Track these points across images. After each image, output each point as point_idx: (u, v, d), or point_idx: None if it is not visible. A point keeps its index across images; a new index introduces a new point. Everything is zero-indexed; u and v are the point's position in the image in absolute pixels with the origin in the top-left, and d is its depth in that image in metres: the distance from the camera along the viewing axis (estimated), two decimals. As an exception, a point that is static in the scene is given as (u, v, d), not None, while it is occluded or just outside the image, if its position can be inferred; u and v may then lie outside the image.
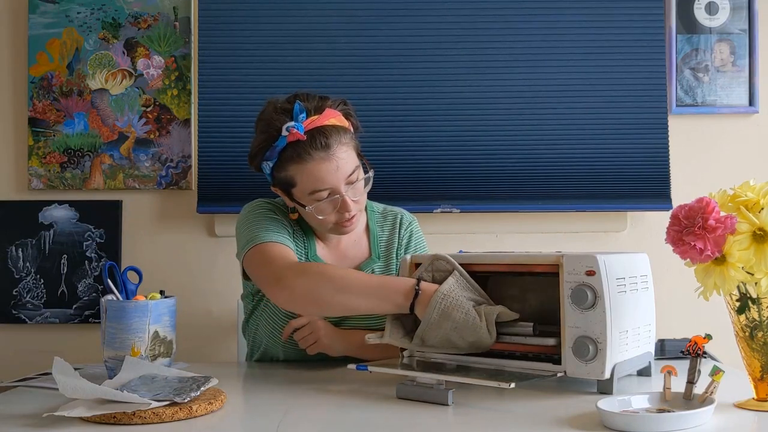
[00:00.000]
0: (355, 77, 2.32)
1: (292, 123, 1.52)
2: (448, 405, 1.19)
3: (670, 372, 1.14)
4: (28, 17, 2.33)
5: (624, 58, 2.33)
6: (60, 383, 1.15)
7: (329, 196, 1.55)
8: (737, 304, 1.14)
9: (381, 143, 2.29)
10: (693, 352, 1.15)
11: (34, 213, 2.32)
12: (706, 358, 1.16)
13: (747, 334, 1.14)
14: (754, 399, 1.15)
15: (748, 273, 1.09)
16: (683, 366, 1.14)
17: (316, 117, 1.53)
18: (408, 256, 1.47)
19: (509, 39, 2.33)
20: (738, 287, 1.12)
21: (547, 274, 1.28)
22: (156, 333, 1.38)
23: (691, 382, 1.12)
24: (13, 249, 2.31)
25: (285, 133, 1.52)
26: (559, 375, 1.25)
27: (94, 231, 2.32)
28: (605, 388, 1.22)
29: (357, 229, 1.72)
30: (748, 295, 1.12)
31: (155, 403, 1.11)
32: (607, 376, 1.21)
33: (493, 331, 1.30)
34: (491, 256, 1.39)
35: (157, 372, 1.29)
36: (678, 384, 1.12)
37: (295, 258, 1.57)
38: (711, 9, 2.37)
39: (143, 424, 1.10)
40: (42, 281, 2.30)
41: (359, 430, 1.10)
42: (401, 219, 1.78)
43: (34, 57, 2.33)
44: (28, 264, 2.31)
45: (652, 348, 1.36)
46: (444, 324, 1.32)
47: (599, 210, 2.33)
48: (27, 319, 2.30)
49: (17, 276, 2.31)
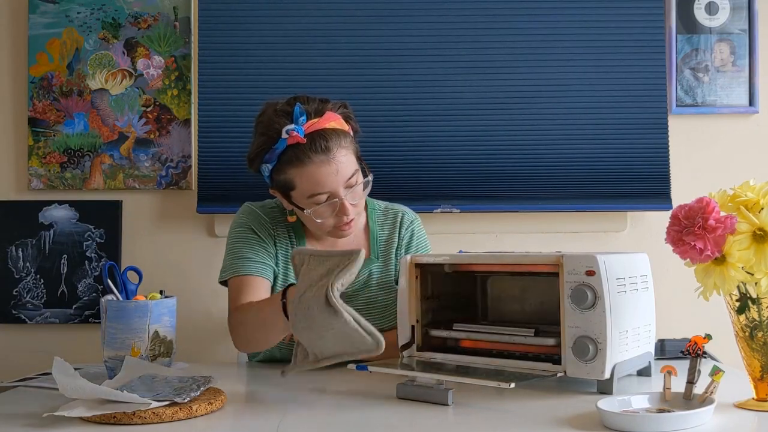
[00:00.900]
0: (355, 77, 2.32)
1: (292, 126, 1.51)
2: (448, 405, 1.19)
3: (670, 372, 1.14)
4: (28, 17, 2.33)
5: (624, 58, 2.33)
6: (60, 383, 1.15)
7: (328, 199, 1.55)
8: (737, 304, 1.14)
9: (381, 143, 2.29)
10: (693, 352, 1.15)
11: (34, 213, 2.31)
12: (706, 358, 1.16)
13: (747, 334, 1.14)
14: (754, 399, 1.15)
15: (748, 273, 1.09)
16: (683, 366, 1.14)
17: (316, 120, 1.53)
18: (408, 256, 1.47)
19: (509, 39, 2.33)
20: (738, 287, 1.12)
21: (547, 274, 1.28)
22: (156, 333, 1.38)
23: (691, 382, 1.12)
24: (13, 249, 2.31)
25: (285, 136, 1.51)
26: (559, 375, 1.25)
27: (94, 231, 2.32)
28: (605, 388, 1.22)
29: (356, 229, 1.72)
30: (748, 295, 1.12)
31: (155, 403, 1.11)
32: (607, 376, 1.21)
33: (366, 328, 1.16)
34: (491, 256, 1.39)
35: (157, 372, 1.29)
36: (678, 384, 1.12)
37: (264, 286, 1.60)
38: (711, 9, 2.37)
39: (143, 424, 1.10)
40: (42, 281, 2.30)
41: (359, 430, 1.10)
42: (402, 218, 1.77)
43: (34, 57, 2.33)
44: (28, 264, 2.31)
45: (652, 348, 1.36)
46: (308, 330, 1.19)
47: (599, 210, 2.33)
48: (27, 319, 2.30)
49: (17, 276, 2.30)
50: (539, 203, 2.30)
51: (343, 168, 1.54)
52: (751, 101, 2.38)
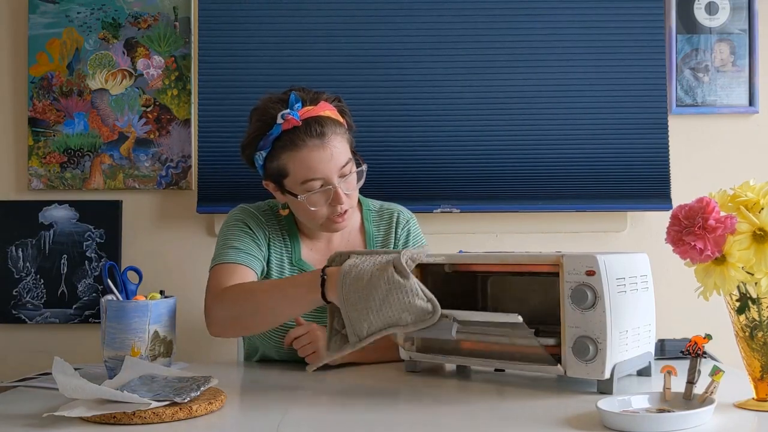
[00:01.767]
0: (355, 77, 2.32)
1: (287, 111, 1.52)
2: (452, 338, 1.21)
3: (670, 372, 1.14)
4: (28, 17, 2.33)
5: (624, 58, 2.33)
6: (60, 383, 1.15)
7: (322, 186, 1.54)
8: (737, 304, 1.14)
9: (381, 143, 2.29)
10: (693, 352, 1.15)
11: (34, 213, 2.32)
12: (706, 358, 1.16)
13: (747, 334, 1.14)
14: (754, 399, 1.15)
15: (748, 273, 1.09)
16: (683, 366, 1.14)
17: (311, 107, 1.54)
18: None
19: (509, 39, 2.33)
20: (738, 287, 1.12)
21: (547, 274, 1.28)
22: (156, 333, 1.38)
23: (691, 382, 1.12)
24: (13, 249, 2.31)
25: (280, 121, 1.52)
26: (559, 375, 1.25)
27: (94, 231, 2.32)
28: (605, 388, 1.22)
29: (350, 228, 1.71)
30: (748, 295, 1.12)
31: (155, 403, 1.11)
32: (607, 376, 1.21)
33: (427, 294, 1.21)
34: (491, 256, 1.39)
35: (157, 372, 1.29)
36: (678, 384, 1.12)
37: (250, 277, 1.55)
38: (711, 9, 2.37)
39: (143, 424, 1.10)
40: (42, 281, 2.30)
41: (359, 430, 1.10)
42: (398, 217, 1.76)
43: (34, 57, 2.33)
44: (28, 264, 2.31)
45: (652, 348, 1.36)
46: (363, 300, 1.22)
47: (599, 210, 2.33)
48: (27, 319, 2.30)
49: (17, 276, 2.31)
50: (539, 203, 2.30)
51: (338, 154, 1.54)
52: (751, 101, 2.38)
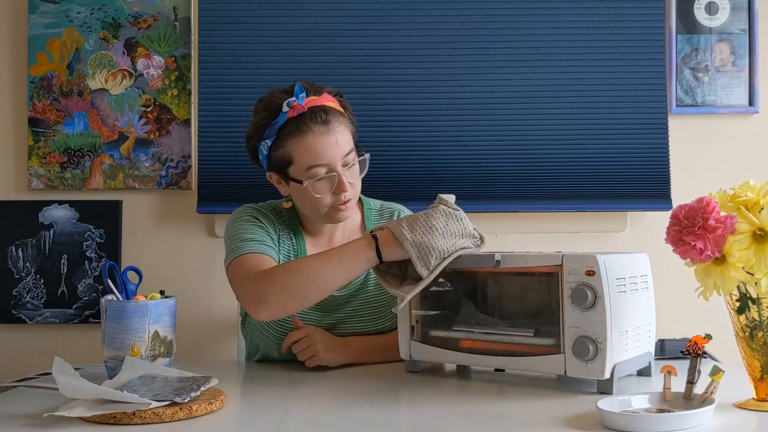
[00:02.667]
0: (355, 77, 2.31)
1: (293, 98, 1.55)
2: (495, 267, 1.36)
3: (670, 372, 1.14)
4: (28, 17, 2.33)
5: (624, 58, 2.33)
6: (60, 383, 1.15)
7: (326, 174, 1.56)
8: (737, 304, 1.14)
9: (381, 143, 2.29)
10: (693, 352, 1.15)
11: (34, 213, 2.32)
12: (706, 358, 1.16)
13: (747, 334, 1.14)
14: (754, 399, 1.15)
15: (748, 273, 1.09)
16: (683, 366, 1.14)
17: (315, 97, 1.57)
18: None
19: (509, 39, 2.33)
20: (738, 287, 1.12)
21: (547, 274, 1.28)
22: (156, 333, 1.38)
23: (691, 382, 1.12)
24: (13, 249, 2.31)
25: (286, 109, 1.54)
26: (559, 375, 1.25)
27: (94, 231, 2.32)
28: (605, 388, 1.22)
29: (351, 226, 1.73)
30: (748, 295, 1.12)
31: (155, 403, 1.11)
32: (607, 376, 1.21)
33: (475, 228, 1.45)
34: (491, 256, 1.39)
35: (157, 372, 1.29)
36: (678, 384, 1.12)
37: (273, 265, 1.54)
38: (711, 9, 2.37)
39: (143, 424, 1.10)
40: (42, 281, 2.30)
41: (359, 429, 1.10)
42: (398, 216, 1.77)
43: (34, 57, 2.33)
44: (28, 264, 2.31)
45: (652, 348, 1.36)
46: (427, 232, 1.41)
47: (599, 210, 2.33)
48: (27, 319, 2.30)
49: (17, 276, 2.31)
50: (539, 203, 2.30)
51: (342, 142, 1.56)
52: (751, 101, 2.38)
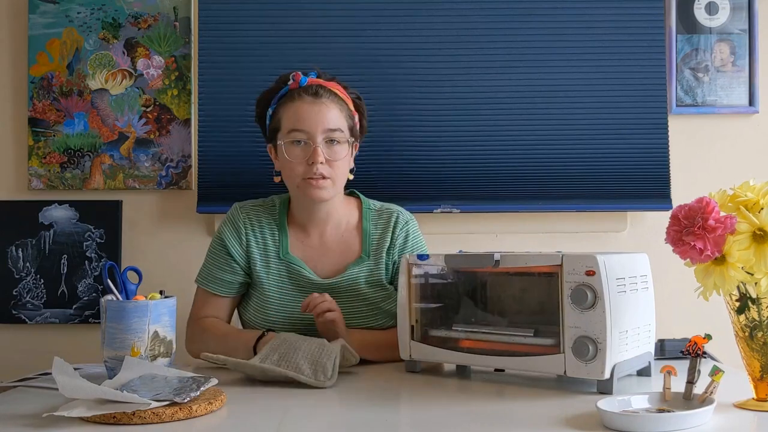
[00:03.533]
0: (355, 77, 2.30)
1: (299, 72, 1.70)
2: (494, 267, 1.33)
3: (669, 372, 1.14)
4: (28, 17, 2.33)
5: (624, 58, 2.33)
6: (60, 383, 1.15)
7: (305, 142, 1.65)
8: (737, 304, 1.14)
9: (381, 143, 2.29)
10: (693, 352, 1.15)
11: (34, 213, 2.31)
12: (706, 358, 1.16)
13: (747, 334, 1.14)
14: (753, 399, 1.15)
15: (747, 273, 1.09)
16: (683, 366, 1.15)
17: (322, 81, 1.70)
18: (408, 255, 1.48)
19: (509, 39, 2.33)
20: (738, 287, 1.12)
21: (547, 274, 1.28)
22: (156, 333, 1.38)
23: (691, 382, 1.12)
24: (13, 249, 2.31)
25: (290, 82, 1.68)
26: (559, 375, 1.25)
27: (94, 231, 2.32)
28: (605, 388, 1.22)
29: (346, 225, 1.75)
30: (748, 295, 1.12)
31: (155, 403, 1.11)
32: (607, 376, 1.21)
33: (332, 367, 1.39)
34: (491, 256, 1.39)
35: (157, 372, 1.29)
36: (678, 384, 1.12)
37: (221, 304, 1.74)
38: (711, 9, 2.37)
39: (143, 424, 1.10)
40: (42, 281, 2.30)
41: (359, 429, 1.10)
42: (397, 218, 1.78)
43: (34, 57, 2.33)
44: (28, 264, 2.31)
45: (652, 348, 1.37)
46: (291, 348, 1.43)
47: (599, 210, 2.33)
48: (27, 319, 2.30)
49: (17, 276, 2.30)
50: (539, 203, 2.30)
51: (328, 115, 1.66)
52: (751, 101, 2.38)
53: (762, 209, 1.09)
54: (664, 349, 1.56)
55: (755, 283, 1.09)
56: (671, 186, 2.31)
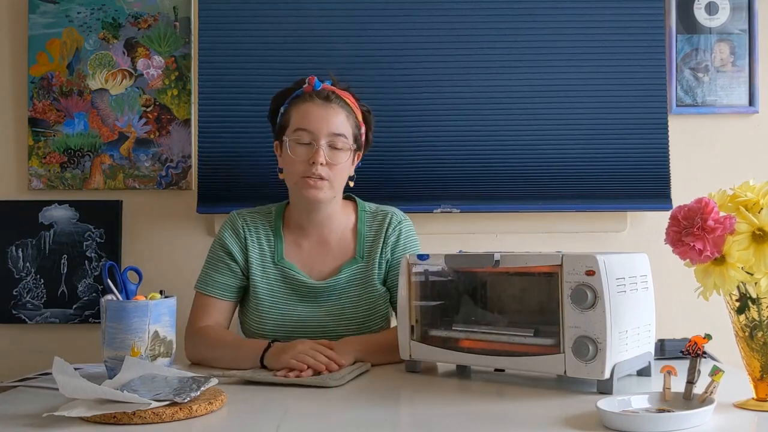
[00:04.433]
0: (355, 77, 2.30)
1: (315, 77, 1.73)
2: (494, 267, 1.32)
3: (669, 372, 1.14)
4: (28, 17, 2.33)
5: (624, 58, 2.33)
6: (60, 383, 1.15)
7: (309, 142, 1.68)
8: (737, 304, 1.14)
9: (381, 143, 2.28)
10: (693, 352, 1.15)
11: (34, 213, 2.31)
12: (705, 358, 1.16)
13: (747, 334, 1.14)
14: (753, 399, 1.15)
15: (747, 273, 1.09)
16: (683, 366, 1.15)
17: (336, 88, 1.74)
18: (408, 255, 1.48)
19: (509, 39, 2.33)
20: (738, 287, 1.12)
21: (547, 274, 1.28)
22: (156, 333, 1.38)
23: (691, 382, 1.12)
24: (13, 249, 2.31)
25: (306, 85, 1.73)
26: (559, 375, 1.25)
27: (94, 231, 2.32)
28: (605, 388, 1.22)
29: (343, 228, 1.76)
30: (747, 295, 1.12)
31: (155, 403, 1.11)
32: (607, 376, 1.21)
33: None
34: (491, 256, 1.39)
35: (157, 372, 1.29)
36: (678, 384, 1.12)
37: (222, 308, 1.75)
38: (711, 9, 2.37)
39: (143, 424, 1.10)
40: (42, 281, 2.30)
41: (359, 429, 1.10)
42: (390, 219, 1.79)
43: (34, 57, 2.33)
44: (28, 264, 2.31)
45: (651, 348, 1.37)
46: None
47: (599, 210, 2.33)
48: (27, 319, 2.30)
49: (17, 276, 2.30)
50: (539, 203, 2.30)
51: (334, 120, 1.69)
52: (751, 101, 2.38)
53: (762, 209, 1.09)
54: (664, 349, 1.56)
55: (755, 283, 1.09)
56: (671, 186, 2.31)
